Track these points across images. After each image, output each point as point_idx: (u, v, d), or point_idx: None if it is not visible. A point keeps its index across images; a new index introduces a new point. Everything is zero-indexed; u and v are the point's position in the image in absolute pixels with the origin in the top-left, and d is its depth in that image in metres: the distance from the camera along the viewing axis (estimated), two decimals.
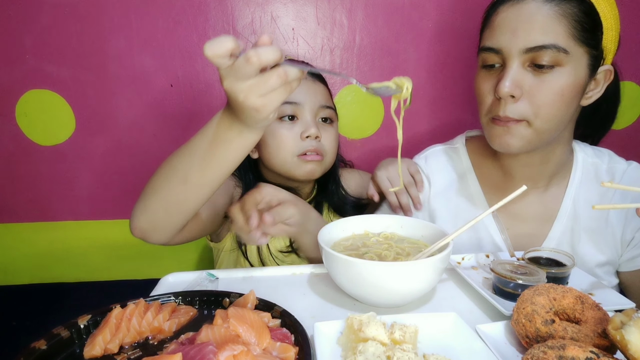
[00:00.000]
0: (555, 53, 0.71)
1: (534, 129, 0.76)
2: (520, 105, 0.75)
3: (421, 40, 1.20)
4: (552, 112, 0.75)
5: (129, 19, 1.11)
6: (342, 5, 1.16)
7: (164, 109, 1.18)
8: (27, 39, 1.10)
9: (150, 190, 0.70)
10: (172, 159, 0.69)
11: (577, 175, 0.89)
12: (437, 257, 0.61)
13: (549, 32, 0.71)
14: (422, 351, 0.52)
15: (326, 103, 0.98)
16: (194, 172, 0.66)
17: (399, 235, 0.79)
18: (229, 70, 0.53)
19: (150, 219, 0.70)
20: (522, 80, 0.74)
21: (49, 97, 1.14)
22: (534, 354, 0.44)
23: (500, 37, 0.76)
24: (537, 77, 0.74)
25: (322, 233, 0.72)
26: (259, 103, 0.54)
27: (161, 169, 0.70)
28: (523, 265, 0.69)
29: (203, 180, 0.67)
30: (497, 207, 0.67)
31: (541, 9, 0.72)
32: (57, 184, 1.21)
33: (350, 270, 0.62)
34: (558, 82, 0.73)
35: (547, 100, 0.74)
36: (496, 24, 0.77)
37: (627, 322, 0.43)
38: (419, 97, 1.25)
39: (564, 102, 0.74)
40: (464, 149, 0.98)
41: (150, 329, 0.55)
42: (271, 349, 0.50)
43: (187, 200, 0.68)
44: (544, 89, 0.73)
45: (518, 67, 0.74)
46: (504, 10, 0.76)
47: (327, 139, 0.98)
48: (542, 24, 0.72)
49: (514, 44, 0.73)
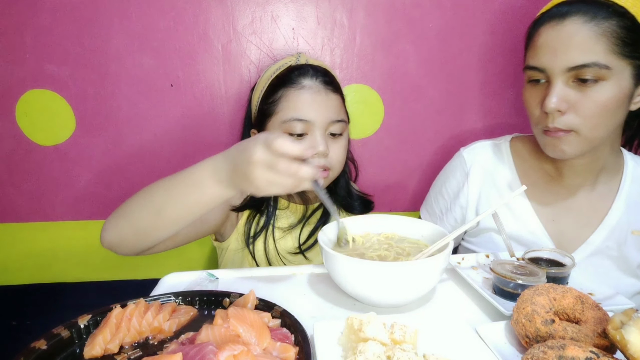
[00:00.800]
0: (596, 70, 0.75)
1: (583, 137, 0.80)
2: (567, 118, 0.79)
3: (422, 40, 1.20)
4: (598, 122, 0.79)
5: (129, 19, 1.11)
6: (342, 5, 1.16)
7: (164, 109, 1.18)
8: (27, 39, 1.10)
9: (123, 212, 0.73)
10: (151, 188, 0.72)
11: (627, 179, 0.92)
12: (437, 257, 0.61)
13: (588, 52, 0.75)
14: (422, 351, 0.52)
15: (337, 117, 0.95)
16: (168, 207, 0.69)
17: (399, 235, 0.79)
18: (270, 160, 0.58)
19: (119, 236, 0.73)
20: (567, 96, 0.78)
21: (49, 97, 1.14)
22: (534, 354, 0.44)
23: (542, 57, 0.80)
24: (581, 92, 0.77)
25: (322, 233, 0.72)
26: (263, 186, 0.60)
27: (138, 195, 0.73)
28: (523, 265, 0.69)
29: (175, 216, 0.69)
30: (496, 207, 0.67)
31: (580, 30, 0.76)
32: (57, 183, 1.21)
33: (350, 270, 0.62)
34: (602, 95, 0.76)
35: (592, 113, 0.77)
36: (538, 45, 0.81)
37: (626, 322, 0.43)
38: (419, 97, 1.25)
39: (608, 112, 0.78)
40: (506, 145, 1.01)
41: (150, 329, 0.55)
42: (271, 349, 0.50)
43: (157, 230, 0.72)
44: (588, 102, 0.77)
45: (562, 83, 0.78)
46: (545, 30, 0.81)
47: (335, 152, 0.95)
48: (581, 45, 0.75)
49: (556, 64, 0.78)
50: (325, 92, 0.94)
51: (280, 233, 1.03)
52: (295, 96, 0.92)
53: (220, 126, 1.21)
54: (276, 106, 0.94)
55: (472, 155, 1.02)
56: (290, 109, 0.92)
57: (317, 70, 0.96)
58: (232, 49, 1.16)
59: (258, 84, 1.02)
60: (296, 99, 0.92)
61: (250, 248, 0.99)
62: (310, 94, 0.92)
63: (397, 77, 1.22)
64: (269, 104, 0.95)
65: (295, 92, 0.92)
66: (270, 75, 0.99)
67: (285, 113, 0.92)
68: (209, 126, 1.21)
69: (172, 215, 0.69)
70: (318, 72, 0.95)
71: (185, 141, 1.21)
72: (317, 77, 0.94)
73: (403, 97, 1.24)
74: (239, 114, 1.21)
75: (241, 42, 1.16)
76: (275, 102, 0.94)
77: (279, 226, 1.03)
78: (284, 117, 0.91)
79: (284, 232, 1.03)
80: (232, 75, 1.18)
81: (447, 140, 1.29)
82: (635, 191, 0.91)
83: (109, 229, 0.74)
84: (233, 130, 1.22)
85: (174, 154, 1.22)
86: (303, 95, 0.92)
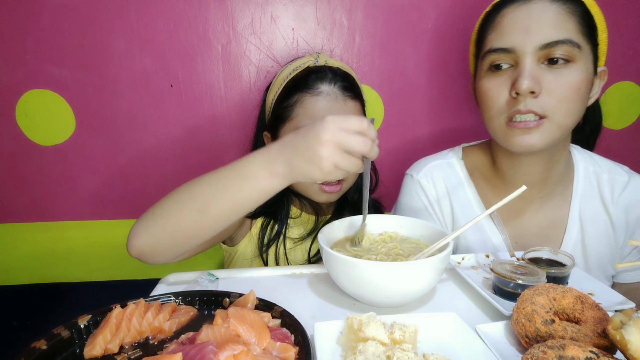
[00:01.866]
0: (569, 48, 0.72)
1: (555, 123, 0.76)
2: (541, 101, 0.74)
3: (421, 41, 1.20)
4: (571, 106, 0.75)
5: (129, 19, 1.11)
6: (342, 6, 1.16)
7: (164, 109, 1.18)
8: (27, 39, 1.10)
9: (160, 213, 0.67)
10: (191, 185, 0.66)
11: (579, 186, 0.88)
12: (437, 257, 0.61)
13: (562, 28, 0.73)
14: (422, 351, 0.52)
15: None
16: (215, 204, 0.64)
17: (399, 235, 0.79)
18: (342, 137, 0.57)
19: (152, 242, 0.67)
20: (540, 77, 0.74)
21: (49, 97, 1.14)
22: (534, 353, 0.44)
23: (511, 36, 0.75)
24: (553, 73, 0.74)
25: (322, 233, 0.72)
26: (329, 168, 0.59)
27: (176, 194, 0.67)
28: (523, 265, 0.69)
29: (222, 213, 0.65)
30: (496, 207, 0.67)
31: (550, 7, 0.74)
32: (57, 184, 1.21)
33: (350, 270, 0.62)
34: (574, 76, 0.74)
35: (567, 95, 0.74)
36: (504, 25, 0.77)
37: (627, 322, 0.43)
38: (419, 97, 1.25)
39: (580, 97, 0.75)
40: (460, 163, 0.96)
41: (150, 329, 0.55)
42: (271, 349, 0.50)
43: (200, 229, 0.66)
44: (562, 83, 0.74)
45: (533, 64, 0.74)
46: (510, 11, 0.77)
47: None
48: (555, 21, 0.73)
49: (528, 42, 0.74)
50: (344, 99, 0.89)
51: (290, 244, 1.00)
52: (312, 102, 0.87)
53: (220, 126, 1.21)
54: (291, 111, 0.89)
55: (428, 180, 0.96)
56: (306, 116, 0.87)
57: (336, 74, 0.90)
58: (232, 50, 1.16)
59: (273, 84, 0.98)
60: (312, 106, 0.87)
61: (263, 257, 0.97)
62: (327, 101, 0.87)
63: (396, 77, 1.22)
64: (283, 107, 0.90)
65: (311, 98, 0.87)
66: (286, 76, 0.93)
67: (299, 120, 0.87)
68: (209, 126, 1.21)
69: (219, 211, 0.64)
70: (337, 76, 0.89)
71: (185, 141, 1.21)
72: (335, 82, 0.88)
73: (403, 97, 1.24)
74: (238, 114, 1.21)
75: (241, 43, 1.16)
76: (291, 106, 0.89)
77: (290, 236, 1.00)
78: (298, 124, 0.87)
79: (294, 243, 1.00)
80: (231, 76, 1.18)
81: (447, 140, 1.29)
82: (588, 197, 0.88)
83: (139, 234, 0.66)
84: (233, 130, 1.22)
85: (173, 154, 1.22)
86: (320, 103, 0.87)
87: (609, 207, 0.87)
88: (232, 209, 0.64)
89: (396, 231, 0.80)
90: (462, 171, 0.95)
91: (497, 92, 0.78)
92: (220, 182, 0.64)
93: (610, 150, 1.34)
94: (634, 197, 0.87)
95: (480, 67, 0.83)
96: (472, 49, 0.91)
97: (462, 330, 0.55)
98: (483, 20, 0.84)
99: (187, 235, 0.66)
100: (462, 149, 0.99)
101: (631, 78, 1.28)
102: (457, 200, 0.93)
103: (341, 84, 0.89)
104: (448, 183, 0.95)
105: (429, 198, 0.95)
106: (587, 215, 0.87)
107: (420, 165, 0.98)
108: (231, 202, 0.64)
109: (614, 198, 0.87)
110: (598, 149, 0.97)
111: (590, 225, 0.87)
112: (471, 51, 0.91)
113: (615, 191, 0.87)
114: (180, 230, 0.65)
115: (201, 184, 0.66)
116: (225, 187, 0.63)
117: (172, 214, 0.66)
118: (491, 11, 0.82)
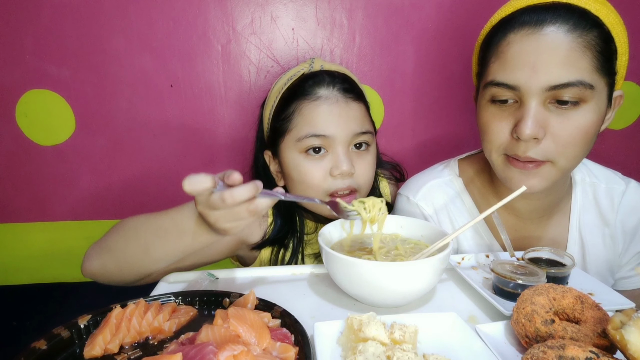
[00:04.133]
0: (580, 90, 0.64)
1: (558, 168, 0.70)
2: (543, 146, 0.68)
3: (421, 41, 1.20)
4: (576, 151, 0.69)
5: (129, 19, 1.11)
6: (342, 6, 1.16)
7: (164, 109, 1.18)
8: (27, 39, 1.10)
9: (108, 245, 0.69)
10: (136, 225, 0.68)
11: (577, 201, 0.86)
12: (437, 257, 0.61)
13: (573, 67, 0.64)
14: (422, 351, 0.52)
15: (361, 128, 0.83)
16: (157, 248, 0.65)
17: (399, 235, 0.79)
18: (204, 199, 0.55)
19: (101, 268, 0.70)
20: (545, 120, 0.67)
21: (49, 97, 1.14)
22: (534, 353, 0.44)
23: (516, 72, 0.67)
24: (560, 115, 0.66)
25: (322, 233, 0.72)
26: (227, 227, 0.57)
27: (122, 228, 0.69)
28: (523, 265, 0.69)
29: (164, 256, 0.66)
30: (497, 207, 0.67)
31: (564, 40, 0.64)
32: (57, 184, 1.21)
33: (350, 270, 0.62)
34: (583, 119, 0.66)
35: (573, 140, 0.67)
36: (509, 57, 0.68)
37: (626, 322, 0.43)
38: (419, 97, 1.25)
39: (587, 140, 0.68)
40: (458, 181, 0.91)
41: (150, 329, 0.55)
42: (271, 349, 0.50)
43: (143, 267, 0.68)
44: (569, 127, 0.66)
45: (539, 105, 0.66)
46: (518, 40, 0.67)
47: (361, 169, 0.83)
48: (566, 58, 0.64)
49: (534, 82, 0.65)
50: (345, 101, 0.82)
51: (311, 260, 0.92)
52: (310, 109, 0.81)
53: (219, 126, 1.21)
54: (289, 122, 0.83)
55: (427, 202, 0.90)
56: (305, 124, 0.81)
57: (334, 77, 0.84)
58: (232, 50, 1.16)
59: (268, 98, 0.91)
60: (311, 112, 0.81)
61: None
62: (327, 105, 0.81)
63: (396, 77, 1.22)
64: (281, 120, 0.84)
65: (310, 105, 0.81)
66: (281, 87, 0.87)
67: (300, 129, 0.81)
68: (209, 126, 1.21)
69: (161, 256, 0.66)
70: (335, 79, 0.84)
71: (185, 141, 1.21)
72: (334, 85, 0.83)
73: (403, 97, 1.24)
74: (238, 114, 1.21)
75: (241, 43, 1.16)
76: (288, 117, 0.83)
77: (308, 253, 0.92)
78: (299, 134, 0.81)
79: (315, 260, 0.92)
80: (231, 76, 1.18)
81: (447, 141, 1.29)
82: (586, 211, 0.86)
83: (91, 259, 0.70)
84: (232, 130, 1.22)
85: (173, 153, 1.22)
86: (319, 108, 0.81)
87: (608, 218, 0.86)
88: (173, 254, 0.66)
89: (396, 232, 0.80)
90: (460, 187, 0.91)
91: (497, 128, 0.72)
92: (160, 231, 0.65)
93: (611, 151, 1.35)
94: (632, 204, 0.86)
95: (482, 93, 0.75)
96: (474, 67, 0.84)
97: (462, 330, 0.55)
98: (487, 37, 0.75)
99: (132, 268, 0.68)
100: (458, 164, 0.93)
101: (631, 78, 1.28)
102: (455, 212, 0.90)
103: (340, 86, 0.83)
104: (447, 199, 0.90)
105: (427, 218, 0.91)
106: (586, 229, 0.86)
107: (416, 186, 0.92)
108: (172, 249, 0.65)
109: (614, 207, 0.86)
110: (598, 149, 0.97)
111: (589, 238, 0.86)
112: (473, 69, 0.84)
113: (615, 201, 0.86)
114: (125, 262, 0.68)
115: (145, 227, 0.67)
116: (165, 236, 0.64)
117: (118, 248, 0.68)
118: (497, 30, 0.72)
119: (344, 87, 0.84)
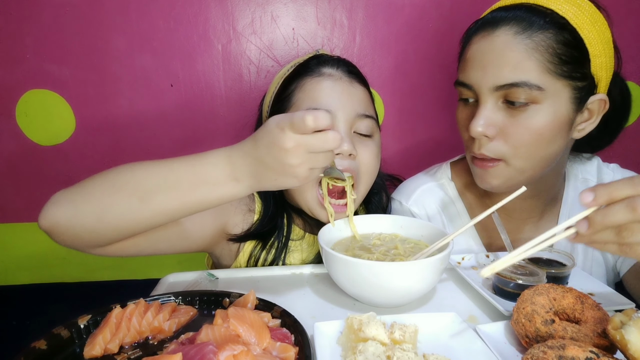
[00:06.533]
0: (527, 90, 0.66)
1: (513, 167, 0.71)
2: (496, 144, 0.70)
3: (421, 41, 1.20)
4: (531, 151, 0.70)
5: (129, 19, 1.11)
6: (342, 6, 1.16)
7: (164, 109, 1.18)
8: (27, 39, 1.10)
9: (89, 187, 0.58)
10: (137, 170, 0.58)
11: (569, 198, 0.87)
12: (437, 257, 0.61)
13: (518, 69, 0.65)
14: (422, 351, 0.52)
15: (365, 111, 0.78)
16: (159, 197, 0.56)
17: (399, 235, 0.79)
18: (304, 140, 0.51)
19: (72, 216, 0.57)
20: (495, 119, 0.69)
21: (49, 97, 1.14)
22: (534, 353, 0.44)
23: (471, 72, 0.71)
24: (511, 116, 0.68)
25: (322, 233, 0.72)
26: (305, 174, 0.53)
27: (115, 174, 0.59)
28: (523, 265, 0.69)
29: (165, 208, 0.57)
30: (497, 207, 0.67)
31: (511, 43, 0.66)
32: (57, 183, 1.21)
33: (350, 270, 0.62)
34: (535, 120, 0.67)
35: (525, 140, 0.68)
36: (468, 57, 0.72)
37: (626, 322, 0.43)
38: (419, 97, 1.25)
39: (544, 141, 0.69)
40: (450, 185, 0.91)
41: (150, 329, 0.55)
42: (271, 349, 0.50)
43: (134, 220, 0.57)
44: (519, 128, 0.68)
45: (491, 104, 0.69)
46: (476, 41, 0.71)
47: (364, 155, 0.77)
48: (511, 60, 0.66)
49: (484, 81, 0.68)
50: (349, 80, 0.78)
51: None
52: (313, 84, 0.76)
53: (219, 126, 1.21)
54: (290, 101, 0.78)
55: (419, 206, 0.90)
56: (306, 99, 0.76)
57: (339, 60, 0.81)
58: (232, 49, 1.16)
59: (270, 88, 0.88)
60: (314, 88, 0.76)
61: None
62: (331, 81, 0.76)
63: (396, 77, 1.22)
64: (282, 100, 0.80)
65: (312, 80, 0.77)
66: (284, 73, 0.84)
67: (300, 105, 0.76)
68: (209, 126, 1.21)
69: (163, 207, 0.57)
70: (341, 61, 0.81)
71: (185, 141, 1.21)
72: (339, 66, 0.79)
73: (403, 97, 1.24)
74: (238, 113, 1.21)
75: (241, 42, 1.16)
76: (289, 96, 0.78)
77: (289, 262, 0.85)
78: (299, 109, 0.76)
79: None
80: (231, 75, 1.18)
81: (447, 141, 1.29)
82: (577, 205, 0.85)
83: (61, 202, 0.57)
84: (232, 130, 1.22)
85: (173, 153, 1.21)
86: (322, 83, 0.76)
87: None
88: (179, 208, 0.57)
89: (396, 232, 0.80)
90: (452, 192, 0.91)
91: (463, 126, 0.76)
92: (172, 177, 0.56)
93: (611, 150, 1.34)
94: None
95: None
96: None
97: (462, 330, 0.55)
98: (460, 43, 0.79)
99: (117, 222, 0.57)
100: (450, 167, 0.94)
101: (631, 78, 1.28)
102: (449, 217, 0.91)
103: (345, 68, 0.80)
104: (439, 203, 0.91)
105: None
106: None
107: (409, 191, 0.92)
108: (180, 201, 0.57)
109: None
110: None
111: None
112: None
113: None
114: (110, 212, 0.56)
115: (147, 171, 0.58)
116: (177, 184, 0.56)
117: (106, 193, 0.57)
118: (465, 36, 0.76)
119: (349, 69, 0.80)
